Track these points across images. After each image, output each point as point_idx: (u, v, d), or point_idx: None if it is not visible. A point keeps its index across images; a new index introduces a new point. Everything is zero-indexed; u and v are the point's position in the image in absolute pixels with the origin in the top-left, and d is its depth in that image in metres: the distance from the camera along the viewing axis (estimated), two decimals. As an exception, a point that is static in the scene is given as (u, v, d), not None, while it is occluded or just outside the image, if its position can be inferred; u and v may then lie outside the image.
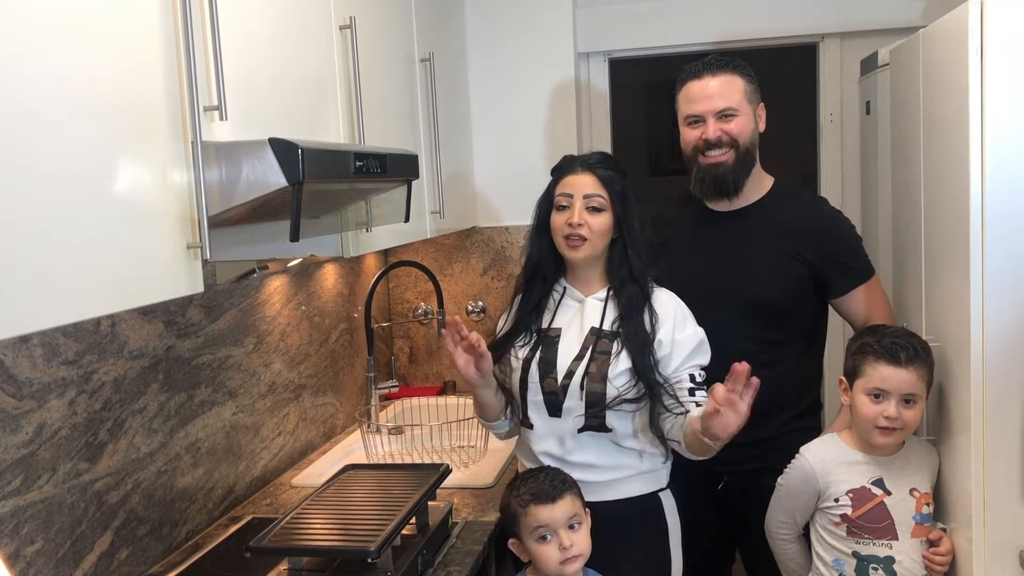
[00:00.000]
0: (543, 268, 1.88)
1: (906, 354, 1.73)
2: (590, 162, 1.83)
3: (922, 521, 1.76)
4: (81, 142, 1.07)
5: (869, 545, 1.76)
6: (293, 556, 1.64)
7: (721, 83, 1.97)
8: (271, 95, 1.52)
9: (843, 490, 1.78)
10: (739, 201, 2.04)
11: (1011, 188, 1.59)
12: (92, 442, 1.60)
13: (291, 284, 2.37)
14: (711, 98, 1.97)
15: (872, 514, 1.76)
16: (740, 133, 1.97)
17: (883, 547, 1.75)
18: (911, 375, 1.72)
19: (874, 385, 1.75)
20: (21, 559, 1.43)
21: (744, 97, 1.98)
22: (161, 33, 1.22)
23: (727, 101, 1.96)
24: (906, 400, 1.74)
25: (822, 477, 1.81)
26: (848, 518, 1.77)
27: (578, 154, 1.89)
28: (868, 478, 1.78)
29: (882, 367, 1.74)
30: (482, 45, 2.92)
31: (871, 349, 1.77)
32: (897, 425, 1.74)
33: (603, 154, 1.88)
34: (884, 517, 1.76)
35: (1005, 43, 1.57)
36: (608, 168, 1.82)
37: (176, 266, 1.24)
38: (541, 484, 1.66)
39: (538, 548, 1.64)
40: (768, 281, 1.98)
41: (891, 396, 1.73)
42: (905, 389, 1.73)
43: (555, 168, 1.88)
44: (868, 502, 1.77)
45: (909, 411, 1.74)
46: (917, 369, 1.73)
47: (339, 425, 2.64)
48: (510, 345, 1.87)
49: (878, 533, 1.76)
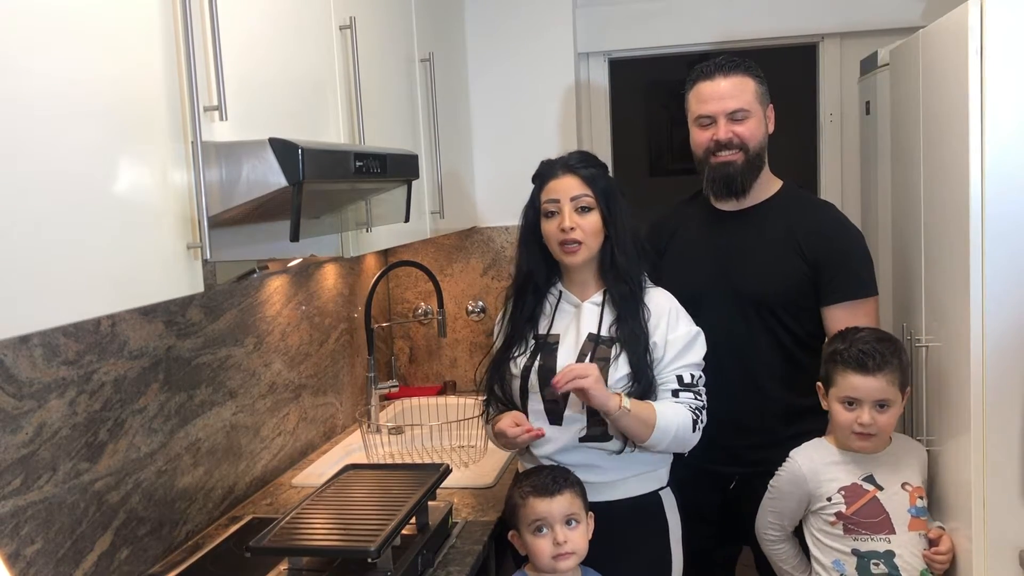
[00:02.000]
0: (535, 277, 1.86)
1: (874, 362, 1.73)
2: (571, 163, 1.81)
3: (917, 515, 1.77)
4: (81, 142, 1.07)
5: (868, 541, 1.76)
6: (293, 556, 1.64)
7: (733, 84, 1.96)
8: (271, 95, 1.52)
9: (834, 488, 1.79)
10: (747, 201, 2.04)
11: (1011, 188, 1.59)
12: (92, 442, 1.60)
13: (291, 284, 2.37)
14: (723, 99, 1.96)
15: (867, 510, 1.77)
16: (751, 136, 1.96)
17: (882, 541, 1.76)
18: (880, 382, 1.73)
19: (845, 394, 1.76)
20: (21, 559, 1.43)
21: (755, 99, 1.97)
22: (161, 33, 1.22)
23: (739, 102, 1.95)
24: (879, 405, 1.74)
25: (812, 478, 1.81)
26: (843, 515, 1.78)
27: (556, 157, 1.87)
28: (858, 475, 1.79)
29: (851, 376, 1.75)
30: (482, 45, 2.91)
31: (840, 358, 1.77)
32: (872, 431, 1.75)
33: (582, 153, 1.86)
34: (879, 512, 1.76)
35: (1005, 43, 1.57)
36: (590, 166, 1.81)
37: (176, 266, 1.24)
38: (543, 479, 1.68)
39: (533, 540, 1.66)
40: (774, 279, 1.98)
41: (863, 404, 1.74)
42: (876, 396, 1.74)
43: (536, 175, 1.86)
44: (861, 498, 1.77)
45: (883, 416, 1.75)
46: (887, 375, 1.73)
47: (339, 425, 2.64)
48: (508, 355, 1.87)
49: (875, 528, 1.76)
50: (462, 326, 3.05)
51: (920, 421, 1.94)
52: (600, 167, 1.82)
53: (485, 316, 3.02)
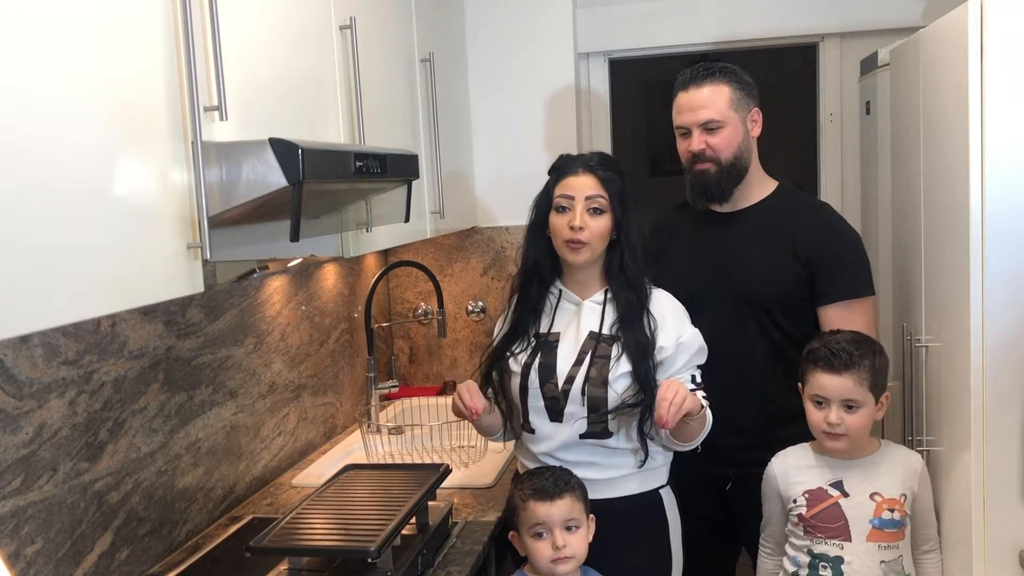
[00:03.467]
0: (541, 269, 1.86)
1: (841, 360, 1.73)
2: (591, 163, 1.81)
3: (881, 526, 1.75)
4: (81, 142, 1.07)
5: (821, 544, 1.77)
6: (293, 556, 1.64)
7: (705, 94, 1.97)
8: (271, 95, 1.52)
9: (800, 491, 1.81)
10: (740, 203, 2.04)
11: (1011, 188, 1.59)
12: (92, 442, 1.60)
13: (291, 284, 2.37)
14: (694, 111, 1.97)
15: (826, 514, 1.77)
16: (724, 147, 1.96)
17: (834, 547, 1.76)
18: (847, 381, 1.73)
19: (814, 392, 1.78)
20: (21, 559, 1.43)
21: (729, 107, 1.97)
22: (162, 33, 1.22)
23: (710, 113, 1.96)
24: (848, 406, 1.74)
25: (783, 480, 1.84)
26: (803, 517, 1.79)
27: (576, 154, 1.88)
28: (827, 480, 1.80)
29: (819, 374, 1.76)
30: (482, 45, 2.91)
31: (812, 357, 1.79)
32: (840, 431, 1.74)
33: (602, 155, 1.86)
34: (838, 518, 1.76)
35: (1005, 43, 1.57)
36: (608, 169, 1.81)
37: (176, 266, 1.24)
38: (545, 481, 1.67)
39: (533, 544, 1.65)
40: (768, 279, 1.98)
41: (831, 402, 1.75)
42: (843, 395, 1.74)
43: (553, 168, 1.86)
44: (822, 502, 1.78)
45: (851, 416, 1.74)
46: (854, 375, 1.73)
47: (339, 425, 2.64)
48: (509, 350, 1.87)
49: (831, 533, 1.76)
50: (462, 326, 3.05)
51: (920, 421, 1.94)
52: (618, 171, 1.82)
53: (485, 316, 3.02)
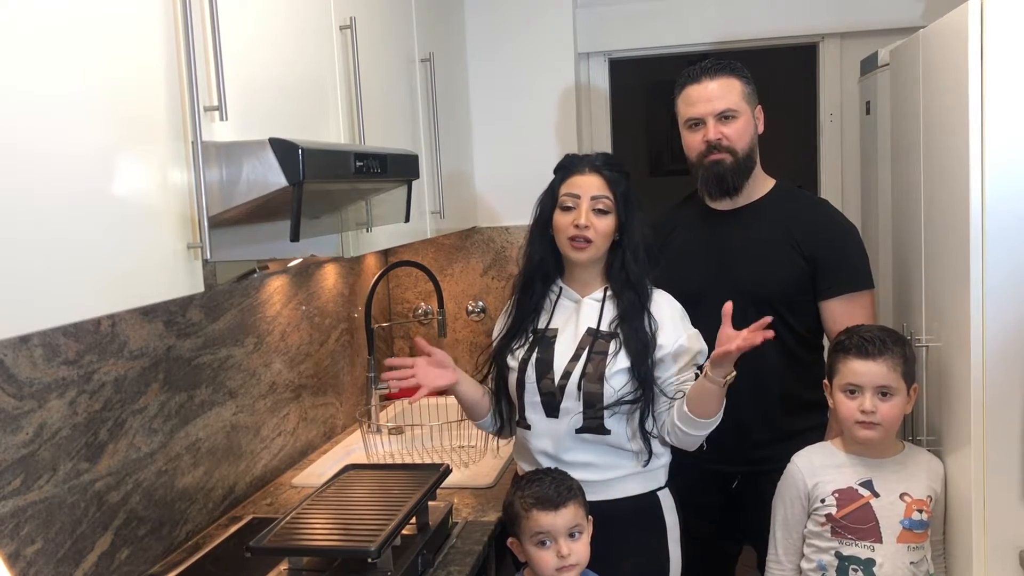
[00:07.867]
0: (545, 267, 1.87)
1: (874, 347, 1.74)
2: (597, 163, 1.82)
3: (911, 527, 1.74)
4: (81, 142, 1.07)
5: (851, 546, 1.76)
6: (293, 556, 1.63)
7: (720, 85, 1.99)
8: (271, 95, 1.52)
9: (829, 490, 1.79)
10: (741, 200, 2.06)
11: (1011, 188, 1.59)
12: (92, 442, 1.60)
13: (291, 284, 2.37)
14: (710, 100, 1.99)
15: (856, 515, 1.76)
16: (739, 137, 1.99)
17: (865, 548, 1.75)
18: (881, 367, 1.73)
19: (847, 381, 1.76)
20: (21, 559, 1.43)
21: (743, 99, 2.00)
22: (162, 33, 1.22)
23: (726, 103, 1.98)
24: (882, 393, 1.74)
25: (810, 478, 1.82)
26: (832, 518, 1.77)
27: (582, 153, 1.89)
28: (856, 479, 1.78)
29: (852, 361, 1.75)
30: (482, 45, 2.91)
31: (842, 347, 1.79)
32: (875, 419, 1.73)
33: (608, 155, 1.87)
34: (869, 518, 1.75)
35: (1005, 43, 1.57)
36: (614, 170, 1.82)
37: (176, 266, 1.24)
38: (547, 489, 1.64)
39: (536, 552, 1.63)
40: (771, 275, 1.99)
41: (865, 390, 1.74)
42: (878, 381, 1.73)
43: (559, 166, 1.87)
44: (853, 503, 1.77)
45: (885, 404, 1.74)
46: (888, 361, 1.73)
47: (339, 425, 2.64)
48: (508, 346, 1.87)
49: (861, 534, 1.75)
50: (462, 326, 3.05)
51: (920, 421, 1.94)
52: (623, 172, 1.83)
53: (485, 316, 3.02)
